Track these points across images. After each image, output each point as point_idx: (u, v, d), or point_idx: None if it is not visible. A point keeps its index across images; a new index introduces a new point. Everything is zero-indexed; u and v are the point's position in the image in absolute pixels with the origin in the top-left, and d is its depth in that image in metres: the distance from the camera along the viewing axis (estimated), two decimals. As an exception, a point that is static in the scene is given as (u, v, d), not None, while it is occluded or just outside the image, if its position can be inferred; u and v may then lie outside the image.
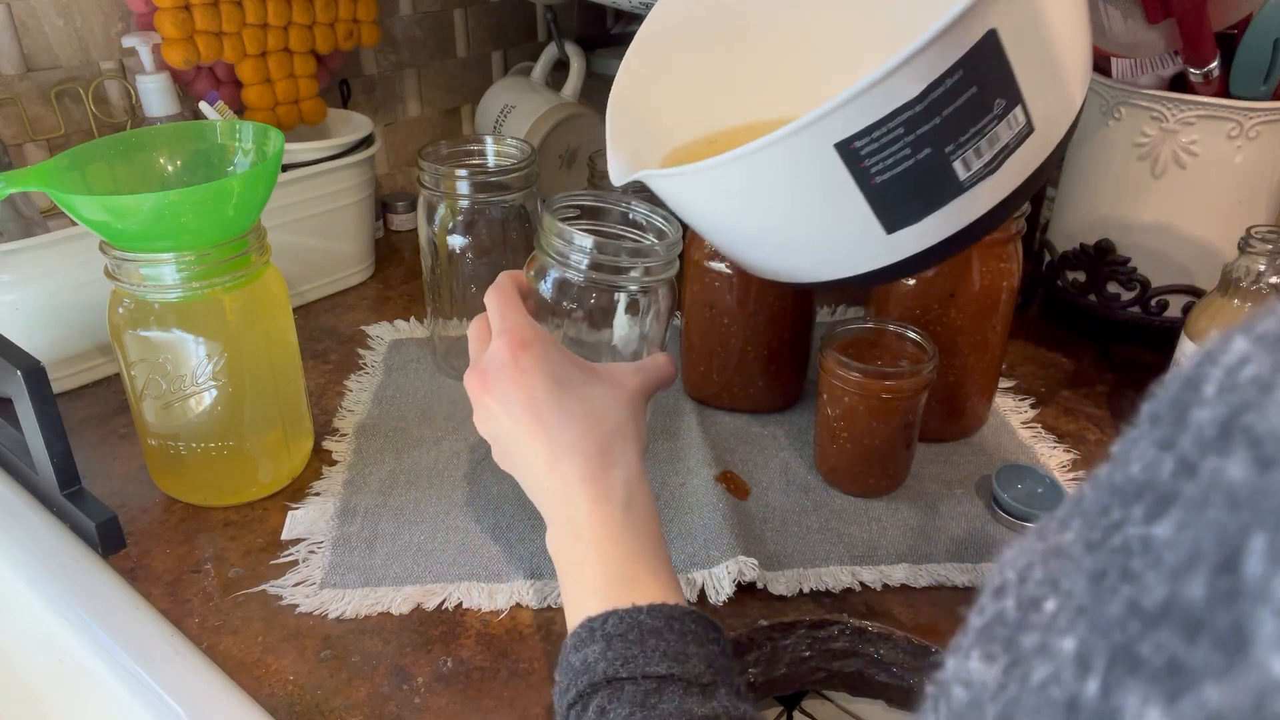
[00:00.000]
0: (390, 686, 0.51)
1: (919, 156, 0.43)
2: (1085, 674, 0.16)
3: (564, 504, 0.44)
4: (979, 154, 0.44)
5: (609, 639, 0.39)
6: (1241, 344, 0.16)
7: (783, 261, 0.52)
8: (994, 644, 0.18)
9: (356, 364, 0.81)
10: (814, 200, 0.45)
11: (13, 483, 0.64)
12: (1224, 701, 0.13)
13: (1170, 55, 0.75)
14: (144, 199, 0.55)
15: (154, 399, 0.60)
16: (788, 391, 0.75)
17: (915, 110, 0.41)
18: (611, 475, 0.44)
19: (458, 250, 0.74)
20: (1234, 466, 0.15)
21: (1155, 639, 0.15)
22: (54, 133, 0.83)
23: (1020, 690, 0.17)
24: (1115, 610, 0.16)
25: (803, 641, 0.57)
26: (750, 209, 0.47)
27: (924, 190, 0.44)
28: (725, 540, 0.60)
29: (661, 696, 0.36)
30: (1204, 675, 0.14)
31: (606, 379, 0.47)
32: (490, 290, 0.51)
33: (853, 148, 0.42)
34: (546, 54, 1.06)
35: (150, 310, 0.58)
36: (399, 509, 0.64)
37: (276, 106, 0.91)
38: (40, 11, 0.80)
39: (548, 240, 0.55)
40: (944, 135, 0.42)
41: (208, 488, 0.64)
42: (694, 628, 0.40)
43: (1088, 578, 0.17)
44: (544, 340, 0.47)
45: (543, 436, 0.45)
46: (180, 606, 0.56)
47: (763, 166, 0.44)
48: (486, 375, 0.47)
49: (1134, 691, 0.15)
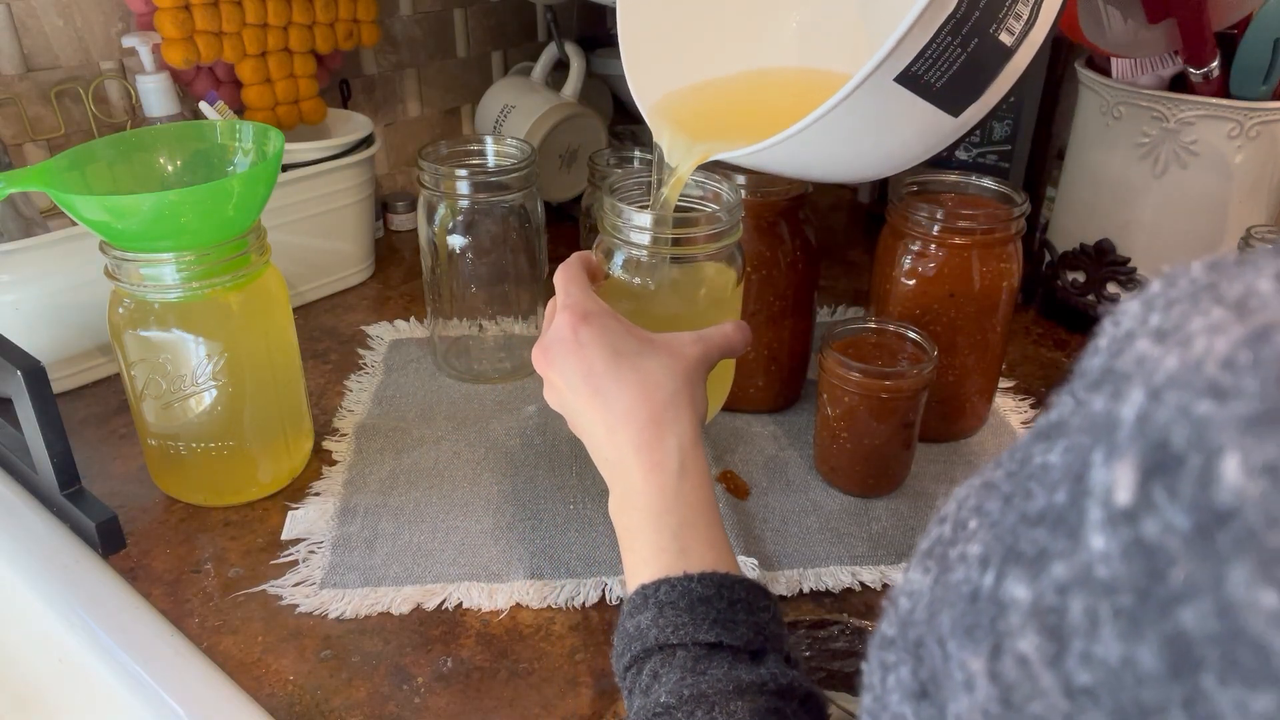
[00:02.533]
0: (390, 686, 0.51)
1: (969, 49, 0.44)
2: (985, 570, 0.20)
3: (620, 472, 0.45)
4: (1018, 17, 0.45)
5: (661, 606, 0.40)
6: (1131, 305, 0.19)
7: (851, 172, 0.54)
8: (930, 560, 0.22)
9: (356, 364, 0.81)
10: (883, 126, 0.46)
11: (13, 483, 0.64)
12: (1065, 574, 0.17)
13: (1170, 55, 0.75)
14: (144, 199, 0.55)
15: (154, 399, 0.60)
16: (788, 391, 0.75)
17: (957, 16, 0.42)
18: (665, 443, 0.44)
19: (458, 250, 0.74)
20: (1098, 400, 0.18)
21: (1031, 536, 0.18)
22: (54, 133, 0.83)
23: (944, 590, 0.21)
24: (1011, 520, 0.19)
25: (803, 641, 0.56)
26: (821, 152, 0.48)
27: (980, 71, 0.45)
28: (725, 540, 0.60)
29: (711, 663, 0.38)
30: (1056, 557, 0.18)
31: (664, 349, 0.47)
32: (558, 270, 0.52)
33: (910, 73, 0.43)
34: (546, 54, 1.05)
35: (150, 310, 0.58)
36: (399, 509, 0.64)
37: (276, 106, 0.91)
38: (40, 11, 0.80)
39: (610, 221, 0.55)
40: (986, 20, 0.43)
41: (208, 488, 0.64)
42: (744, 595, 0.40)
43: (1002, 499, 0.20)
44: (603, 313, 0.48)
45: (600, 407, 0.45)
46: (180, 606, 0.56)
47: (830, 123, 0.44)
48: (549, 350, 0.48)
49: (1012, 576, 0.19)
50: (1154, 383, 0.16)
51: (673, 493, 0.43)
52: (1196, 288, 0.17)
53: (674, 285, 0.55)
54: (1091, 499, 0.17)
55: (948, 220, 0.64)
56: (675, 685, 0.37)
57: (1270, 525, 0.14)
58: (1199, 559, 0.15)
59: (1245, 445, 0.15)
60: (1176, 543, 0.15)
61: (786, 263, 0.68)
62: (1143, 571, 0.16)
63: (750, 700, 0.36)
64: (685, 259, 0.55)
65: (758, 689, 0.37)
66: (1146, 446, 0.16)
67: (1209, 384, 0.15)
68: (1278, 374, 0.15)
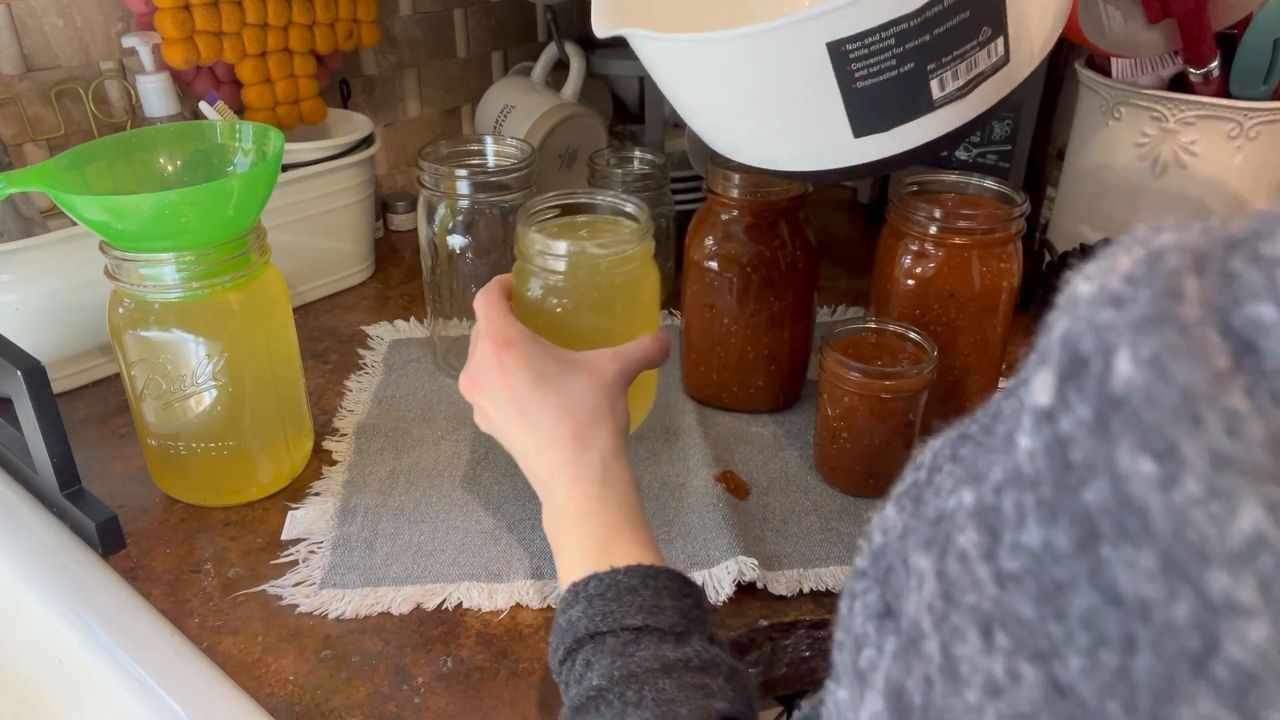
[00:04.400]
0: (390, 686, 0.51)
1: (902, 69, 0.45)
2: (949, 496, 0.22)
3: (549, 488, 0.48)
4: (955, 77, 0.46)
5: (590, 599, 0.42)
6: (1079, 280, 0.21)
7: (746, 145, 0.54)
8: (906, 499, 0.24)
9: (356, 364, 0.81)
10: (794, 93, 0.47)
11: (13, 483, 0.64)
12: (1000, 475, 0.20)
13: (1170, 55, 0.75)
14: (144, 199, 0.55)
15: (154, 399, 0.60)
16: (788, 391, 0.75)
17: (910, 24, 0.43)
18: (588, 456, 0.47)
19: (458, 250, 0.74)
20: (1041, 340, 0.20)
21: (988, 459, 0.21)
22: (54, 133, 0.83)
23: (915, 521, 0.23)
24: (969, 452, 0.22)
25: (803, 641, 0.57)
26: (732, 89, 0.49)
27: (897, 102, 0.47)
28: (725, 540, 0.60)
29: (639, 645, 0.40)
30: (996, 463, 0.20)
31: (584, 368, 0.51)
32: (478, 295, 0.55)
33: (844, 49, 0.44)
34: (546, 54, 1.05)
35: (150, 310, 0.58)
36: (399, 509, 0.64)
37: (276, 106, 0.91)
38: (40, 11, 0.80)
39: (525, 250, 0.57)
40: (929, 53, 0.45)
41: (208, 488, 0.64)
42: (668, 583, 0.43)
43: (974, 445, 0.23)
44: (524, 338, 0.51)
45: (527, 428, 0.49)
46: (180, 606, 0.56)
47: (755, 49, 0.46)
48: (476, 378, 0.52)
49: (965, 489, 0.21)
50: (1076, 308, 0.19)
51: (596, 501, 0.46)
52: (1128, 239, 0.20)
53: (589, 303, 0.57)
54: (1024, 410, 0.20)
55: (948, 220, 0.64)
56: (606, 668, 0.40)
57: (1148, 404, 0.17)
58: (1097, 441, 0.17)
59: (1134, 343, 0.17)
60: (1082, 432, 0.18)
61: (786, 263, 0.68)
62: (1058, 462, 0.18)
63: (676, 677, 0.39)
64: (598, 276, 0.57)
65: (683, 666, 0.39)
66: (1064, 357, 0.19)
67: (1112, 296, 0.18)
68: (1165, 285, 0.17)
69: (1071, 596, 0.18)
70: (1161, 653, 0.16)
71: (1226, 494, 0.16)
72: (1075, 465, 0.18)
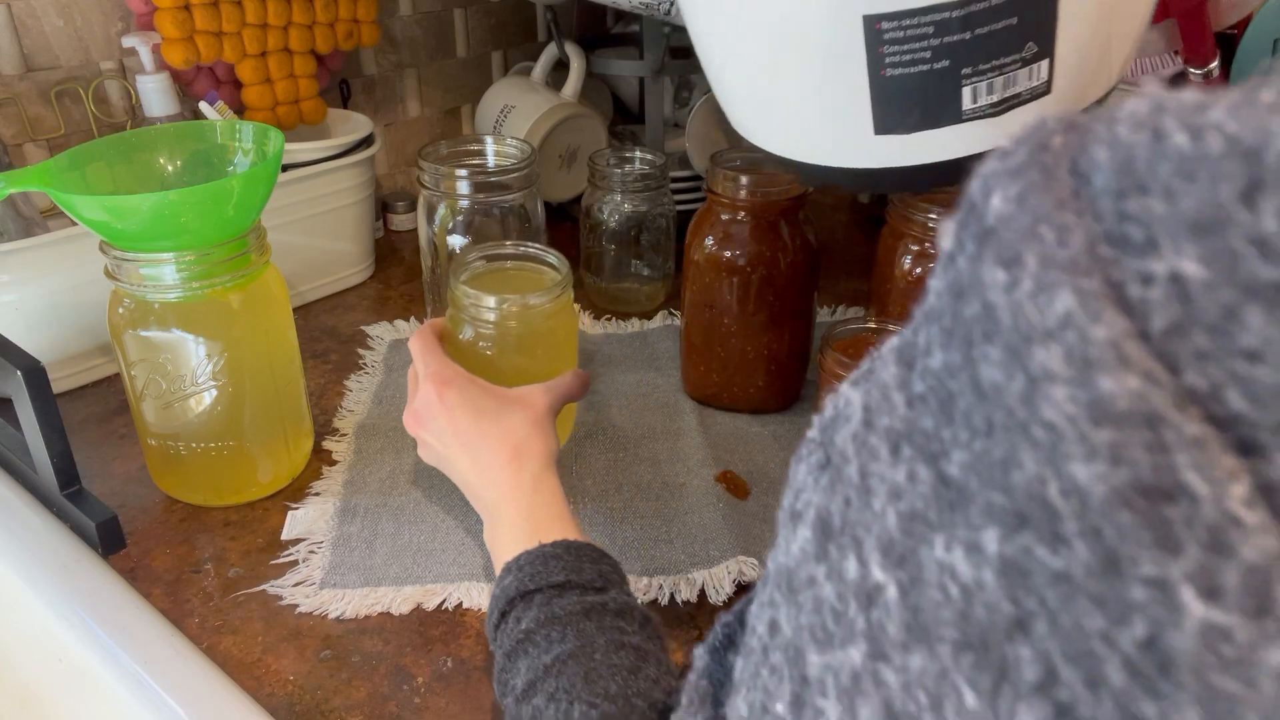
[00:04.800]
0: (390, 686, 0.51)
1: (935, 65, 0.43)
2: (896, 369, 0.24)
3: (490, 506, 0.53)
4: (990, 90, 0.44)
5: (520, 568, 0.47)
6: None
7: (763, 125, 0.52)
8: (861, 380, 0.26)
9: (356, 364, 0.81)
10: (820, 70, 0.45)
11: (13, 483, 0.64)
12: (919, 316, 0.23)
13: (1170, 55, 0.75)
14: (144, 199, 0.55)
15: (154, 399, 0.60)
16: (788, 391, 0.75)
17: (951, 15, 0.41)
18: (521, 475, 0.53)
19: (458, 250, 0.74)
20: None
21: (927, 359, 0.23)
22: (54, 133, 0.83)
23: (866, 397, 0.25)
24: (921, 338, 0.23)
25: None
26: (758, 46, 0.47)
27: (925, 101, 0.44)
28: (725, 540, 0.60)
29: (563, 597, 0.45)
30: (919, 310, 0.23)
31: (518, 403, 0.56)
32: (412, 339, 0.60)
33: (879, 27, 0.42)
34: (546, 54, 1.05)
35: (150, 310, 0.58)
36: (399, 509, 0.64)
37: (276, 106, 0.91)
38: (40, 11, 0.80)
39: (459, 301, 0.62)
40: (966, 54, 0.43)
41: (208, 488, 0.64)
42: (589, 552, 0.47)
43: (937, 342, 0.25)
44: (462, 379, 0.57)
45: (470, 458, 0.54)
46: (180, 606, 0.56)
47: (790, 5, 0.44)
48: (420, 415, 0.57)
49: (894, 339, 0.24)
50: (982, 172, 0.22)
51: (528, 504, 0.52)
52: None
53: (515, 347, 0.63)
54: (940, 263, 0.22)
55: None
56: (534, 617, 0.44)
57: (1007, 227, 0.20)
58: (974, 265, 0.20)
59: (1006, 184, 0.20)
60: (968, 264, 0.20)
61: (786, 263, 0.68)
62: (954, 294, 0.21)
63: (596, 619, 0.43)
64: (523, 325, 0.63)
65: (601, 609, 0.44)
66: (965, 209, 0.21)
67: (1000, 153, 0.21)
68: (1038, 141, 0.21)
69: (959, 401, 0.21)
70: (1007, 428, 0.19)
71: (1050, 286, 0.18)
72: (962, 290, 0.21)
